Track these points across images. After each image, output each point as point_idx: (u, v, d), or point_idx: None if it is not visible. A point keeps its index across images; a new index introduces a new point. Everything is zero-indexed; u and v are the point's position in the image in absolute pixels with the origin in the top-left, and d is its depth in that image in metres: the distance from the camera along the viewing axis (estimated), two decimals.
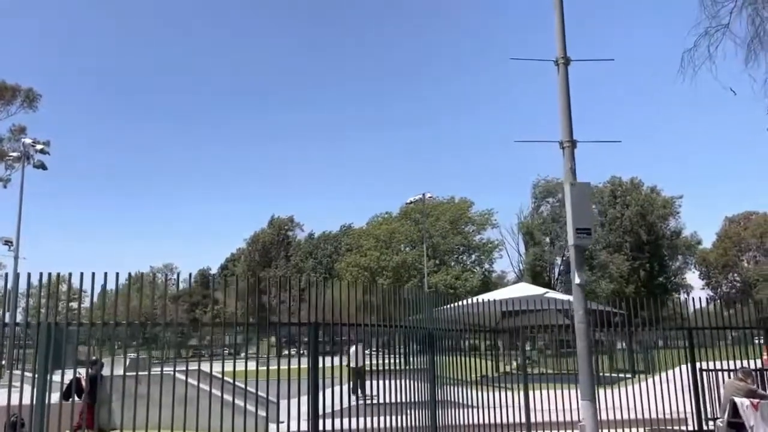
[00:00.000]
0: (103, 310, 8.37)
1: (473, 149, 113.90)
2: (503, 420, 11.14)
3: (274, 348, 8.57)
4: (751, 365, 11.69)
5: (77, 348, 10.13)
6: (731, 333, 12.49)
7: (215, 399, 8.14)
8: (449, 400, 10.47)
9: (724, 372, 11.49)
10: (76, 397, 8.96)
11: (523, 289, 30.41)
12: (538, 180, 77.17)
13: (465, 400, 10.78)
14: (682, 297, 12.48)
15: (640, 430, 11.83)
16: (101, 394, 11.47)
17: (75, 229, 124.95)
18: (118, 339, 8.45)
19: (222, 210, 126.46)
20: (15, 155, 41.23)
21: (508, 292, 30.49)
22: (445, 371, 10.50)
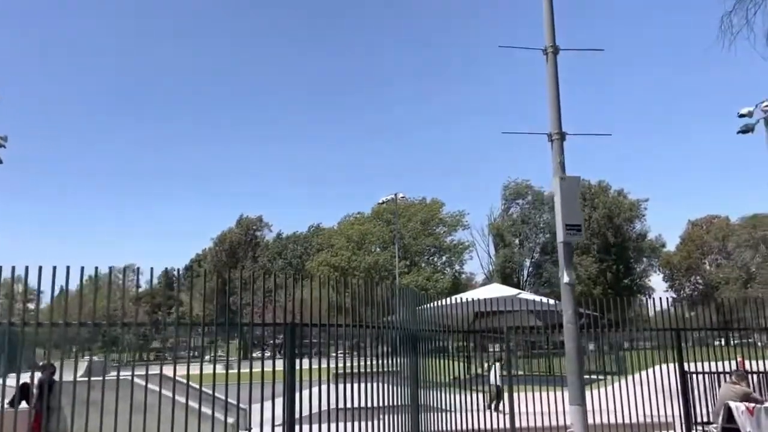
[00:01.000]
0: (51, 310, 7.57)
1: (445, 150, 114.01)
2: (488, 425, 10.61)
3: (243, 350, 7.87)
4: (727, 367, 11.40)
5: (35, 350, 9.27)
6: (692, 334, 12.20)
7: (178, 406, 7.39)
8: (431, 403, 9.90)
9: (711, 375, 11.17)
10: (24, 404, 8.15)
11: (496, 290, 30.15)
12: (508, 182, 77.66)
13: (447, 403, 10.23)
14: (648, 298, 12.22)
15: None
16: (52, 400, 10.61)
17: (30, 228, 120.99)
18: (73, 341, 7.65)
19: (188, 210, 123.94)
20: None
21: (481, 292, 30.17)
22: (427, 374, 9.93)
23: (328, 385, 7.47)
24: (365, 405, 8.16)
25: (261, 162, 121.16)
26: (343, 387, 7.82)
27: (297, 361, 7.23)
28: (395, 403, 8.78)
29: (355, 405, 8.11)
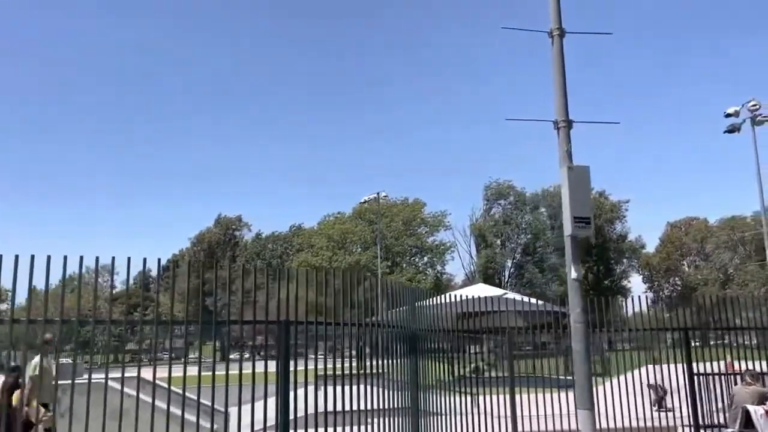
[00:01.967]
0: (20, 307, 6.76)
1: (427, 149, 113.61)
2: (489, 429, 10.02)
3: (226, 350, 7.13)
4: (712, 368, 10.93)
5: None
6: (672, 335, 11.76)
7: (158, 411, 6.63)
8: (431, 407, 9.27)
9: (717, 376, 10.70)
10: None
11: (482, 290, 29.67)
12: (490, 182, 77.39)
13: (447, 407, 9.61)
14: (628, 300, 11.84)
15: None
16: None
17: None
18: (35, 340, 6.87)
19: (164, 209, 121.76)
20: None
21: (467, 293, 29.64)
22: (428, 375, 9.29)
23: (316, 387, 6.78)
24: (362, 408, 7.51)
25: (242, 161, 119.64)
26: (341, 389, 7.15)
27: (291, 362, 6.54)
28: (394, 407, 8.14)
29: (352, 408, 7.44)
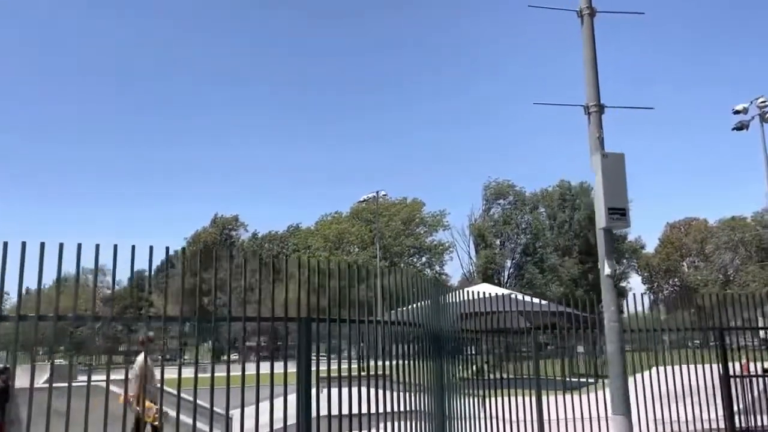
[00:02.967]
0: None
1: (425, 149, 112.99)
2: None
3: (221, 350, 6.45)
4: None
5: None
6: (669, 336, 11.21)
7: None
8: (455, 412, 8.64)
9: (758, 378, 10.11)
10: None
11: (487, 290, 29.07)
12: (489, 182, 76.87)
13: (470, 410, 8.99)
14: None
15: None
16: (12, 409, 9.22)
17: None
18: (38, 342, 6.18)
19: (160, 209, 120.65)
20: None
21: (473, 292, 29.05)
22: (452, 378, 8.67)
23: (318, 390, 6.13)
24: (384, 410, 6.89)
25: (239, 161, 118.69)
26: (361, 391, 6.53)
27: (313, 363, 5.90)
28: (419, 410, 7.51)
29: (369, 411, 6.81)
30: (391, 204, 71.21)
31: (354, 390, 6.44)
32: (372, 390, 6.64)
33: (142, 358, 8.99)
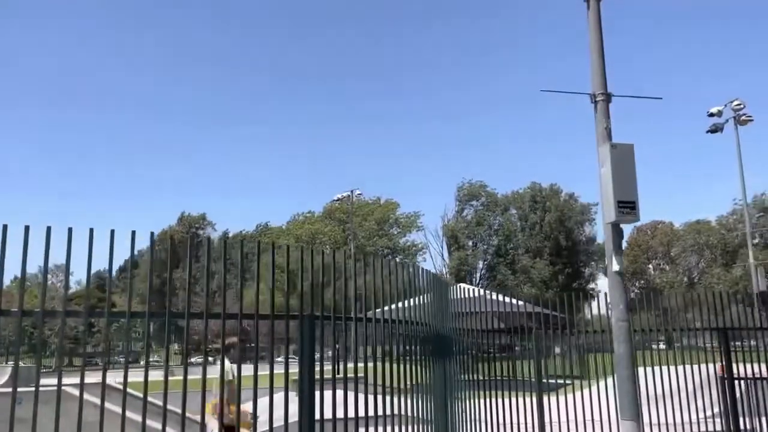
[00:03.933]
0: None
1: (400, 149, 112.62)
2: None
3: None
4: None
5: None
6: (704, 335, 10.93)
7: (129, 423, 5.25)
8: (457, 416, 8.14)
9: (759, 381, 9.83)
10: None
11: (465, 291, 28.71)
12: (462, 183, 76.94)
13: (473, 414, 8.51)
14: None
15: None
16: None
17: None
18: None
19: (125, 206, 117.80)
20: None
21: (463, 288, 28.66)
22: (456, 380, 8.17)
23: (321, 392, 5.57)
24: (388, 414, 6.35)
25: (208, 158, 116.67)
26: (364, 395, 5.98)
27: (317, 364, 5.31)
28: (422, 416, 6.99)
29: (376, 414, 6.26)
30: (365, 204, 70.64)
31: (357, 392, 5.91)
32: (374, 392, 6.12)
33: (229, 364, 8.18)
